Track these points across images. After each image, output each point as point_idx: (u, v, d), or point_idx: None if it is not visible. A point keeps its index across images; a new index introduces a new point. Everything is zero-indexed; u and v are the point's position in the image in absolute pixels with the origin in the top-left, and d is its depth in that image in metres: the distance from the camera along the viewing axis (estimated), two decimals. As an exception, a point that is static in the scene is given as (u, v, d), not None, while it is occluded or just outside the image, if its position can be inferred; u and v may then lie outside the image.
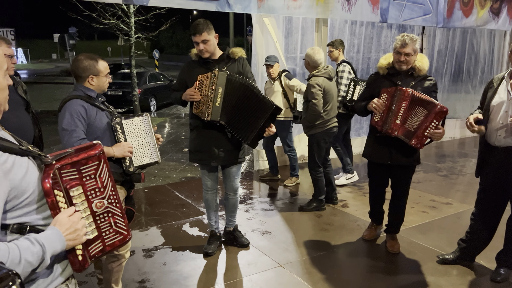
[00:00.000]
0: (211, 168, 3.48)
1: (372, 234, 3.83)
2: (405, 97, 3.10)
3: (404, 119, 3.14)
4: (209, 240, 3.70)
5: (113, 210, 1.52)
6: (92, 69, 2.45)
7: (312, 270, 3.37)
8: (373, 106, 3.24)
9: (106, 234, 1.50)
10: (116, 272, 2.74)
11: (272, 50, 5.82)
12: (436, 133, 3.05)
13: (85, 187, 1.42)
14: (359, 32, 6.74)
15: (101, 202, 1.47)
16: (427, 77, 3.29)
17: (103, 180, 1.48)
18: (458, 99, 8.67)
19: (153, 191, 5.31)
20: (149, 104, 12.98)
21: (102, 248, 1.50)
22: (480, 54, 8.64)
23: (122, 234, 1.56)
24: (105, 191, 1.49)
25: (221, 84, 3.07)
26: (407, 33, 3.38)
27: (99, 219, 1.48)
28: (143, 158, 2.58)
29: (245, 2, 5.03)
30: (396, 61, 3.22)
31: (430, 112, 3.02)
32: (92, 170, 1.44)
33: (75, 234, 1.33)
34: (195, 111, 3.17)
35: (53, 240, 1.26)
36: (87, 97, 2.45)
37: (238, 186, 3.58)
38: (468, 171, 6.26)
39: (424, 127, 3.04)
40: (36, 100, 16.60)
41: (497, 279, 3.16)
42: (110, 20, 11.64)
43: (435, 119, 3.02)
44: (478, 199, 3.25)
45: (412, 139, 3.10)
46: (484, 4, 7.70)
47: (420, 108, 3.08)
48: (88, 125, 2.41)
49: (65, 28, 13.68)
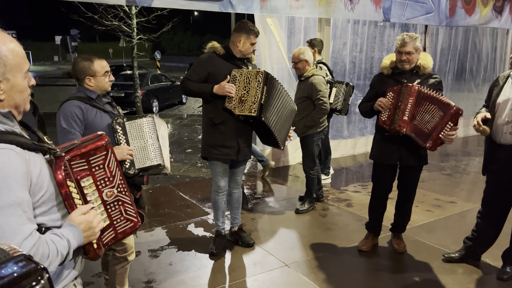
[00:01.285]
0: (226, 167, 3.46)
1: (368, 245, 3.68)
2: (412, 93, 3.07)
3: (413, 116, 3.09)
4: (215, 240, 3.70)
5: (123, 198, 1.56)
6: (88, 70, 2.44)
7: (318, 270, 3.37)
8: (379, 104, 3.22)
9: (117, 222, 1.55)
10: (119, 274, 2.73)
11: (275, 50, 5.82)
12: (449, 135, 2.96)
13: (95, 177, 1.45)
14: (361, 32, 6.74)
15: (111, 191, 1.50)
16: (432, 75, 3.27)
17: (111, 170, 1.50)
18: (461, 98, 8.65)
19: (157, 192, 5.32)
20: (151, 105, 13.01)
21: (114, 236, 1.54)
22: (483, 53, 8.64)
23: (133, 221, 1.60)
24: (114, 180, 1.52)
25: (265, 82, 3.13)
26: (410, 32, 3.37)
27: (110, 207, 1.52)
28: (145, 160, 2.52)
29: (248, 2, 5.04)
30: (399, 61, 3.21)
31: (446, 114, 2.94)
32: (101, 160, 1.47)
33: (91, 231, 1.36)
34: (229, 105, 3.17)
35: (73, 236, 1.30)
36: (88, 98, 2.45)
37: (241, 182, 3.68)
38: (472, 170, 6.25)
39: (439, 128, 2.96)
40: (39, 102, 16.50)
41: (504, 277, 3.16)
42: (112, 21, 11.67)
43: (450, 121, 2.93)
44: (484, 197, 3.24)
45: (427, 141, 3.03)
46: (486, 2, 7.69)
47: (431, 106, 3.01)
48: (86, 126, 2.40)
49: (67, 30, 13.74)
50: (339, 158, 6.74)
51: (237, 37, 3.26)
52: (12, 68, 1.27)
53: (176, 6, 4.63)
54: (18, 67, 1.28)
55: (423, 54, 3.30)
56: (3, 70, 1.25)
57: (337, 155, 6.66)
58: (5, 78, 1.26)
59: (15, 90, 1.29)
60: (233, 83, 3.16)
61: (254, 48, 3.31)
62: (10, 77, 1.27)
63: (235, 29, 3.32)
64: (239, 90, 3.14)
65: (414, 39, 3.13)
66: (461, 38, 8.20)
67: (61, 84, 24.30)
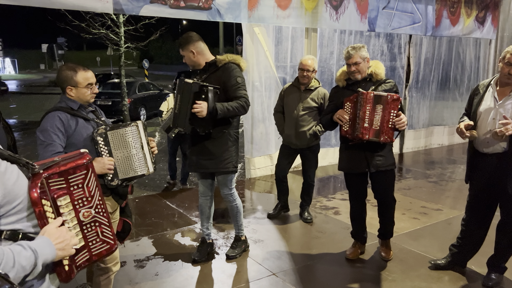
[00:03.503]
0: (201, 175, 3.53)
1: (356, 253, 3.69)
2: (368, 100, 3.15)
3: (371, 121, 3.19)
4: (198, 247, 3.68)
5: (100, 219, 1.53)
6: (70, 80, 2.37)
7: (306, 278, 3.36)
8: (337, 117, 3.31)
9: (92, 244, 1.51)
10: (104, 285, 2.68)
11: (262, 59, 5.86)
12: (398, 122, 3.12)
13: (73, 196, 1.42)
14: (348, 41, 6.82)
15: (88, 211, 1.48)
16: (386, 80, 3.35)
17: (90, 190, 1.48)
18: (446, 107, 8.79)
19: (144, 201, 5.27)
20: (139, 114, 12.94)
21: (89, 258, 1.50)
22: (467, 62, 8.80)
23: (109, 243, 1.56)
24: (93, 200, 1.49)
25: (178, 91, 3.15)
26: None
27: (86, 228, 1.48)
28: (129, 171, 2.46)
29: (235, 12, 5.08)
30: (349, 73, 3.32)
31: (385, 105, 3.12)
32: (80, 179, 1.44)
33: (64, 244, 1.33)
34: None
35: (43, 247, 1.27)
36: (69, 108, 2.38)
37: (228, 194, 3.53)
38: (458, 177, 6.33)
39: (386, 120, 3.13)
40: (24, 110, 16.43)
41: (489, 284, 3.19)
42: (99, 30, 11.61)
43: (392, 108, 3.11)
44: (468, 205, 3.28)
45: (381, 136, 3.16)
46: (470, 13, 7.88)
47: (379, 106, 3.17)
48: (68, 137, 2.33)
49: (54, 38, 13.63)
50: (327, 166, 6.77)
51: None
52: None
53: (164, 15, 4.64)
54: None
55: (374, 61, 3.41)
56: None
57: (325, 163, 6.68)
58: None
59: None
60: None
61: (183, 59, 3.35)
62: None
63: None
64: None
65: (359, 49, 3.24)
66: (445, 47, 8.35)
67: (48, 92, 24.02)
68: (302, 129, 4.22)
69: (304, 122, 4.21)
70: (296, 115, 4.23)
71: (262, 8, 5.30)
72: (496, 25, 8.48)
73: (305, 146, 4.31)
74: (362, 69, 3.27)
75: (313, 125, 4.23)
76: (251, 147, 6.11)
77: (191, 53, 3.25)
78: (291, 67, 6.40)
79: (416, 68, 7.85)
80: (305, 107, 4.21)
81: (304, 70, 4.14)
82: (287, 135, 4.34)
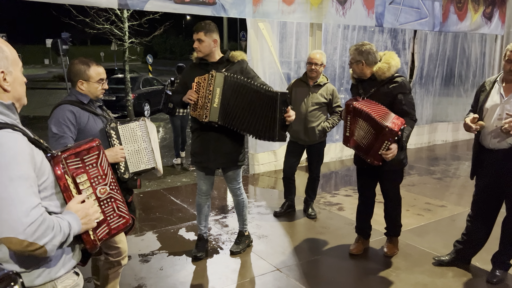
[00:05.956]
0: (208, 172, 3.47)
1: (359, 249, 3.69)
2: (349, 111, 3.13)
3: (352, 132, 3.16)
4: (197, 244, 3.69)
5: (115, 195, 1.65)
6: (82, 74, 2.40)
7: (309, 273, 3.37)
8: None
9: (111, 218, 1.64)
10: (112, 279, 2.70)
11: (266, 54, 5.84)
12: (386, 155, 2.97)
13: (89, 174, 1.55)
14: (351, 37, 6.78)
15: (104, 188, 1.60)
16: (392, 79, 3.15)
17: (104, 168, 1.61)
18: (450, 103, 8.75)
19: (148, 196, 5.29)
20: (143, 109, 12.95)
21: (108, 231, 1.62)
22: (472, 58, 8.74)
23: (125, 218, 1.69)
24: (107, 178, 1.62)
25: (218, 85, 3.06)
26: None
27: (103, 204, 1.61)
28: (139, 164, 2.53)
29: (240, 7, 5.06)
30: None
31: (379, 134, 2.94)
32: (94, 159, 1.57)
33: (87, 219, 1.47)
34: (193, 113, 3.16)
35: (72, 221, 1.40)
36: (79, 102, 2.41)
37: (237, 189, 3.56)
38: (462, 174, 6.31)
39: (377, 147, 2.99)
40: (28, 105, 16.41)
41: (493, 280, 3.19)
42: (103, 25, 11.62)
43: (386, 140, 2.93)
44: (473, 201, 3.28)
45: (368, 157, 3.08)
46: (477, 8, 7.81)
47: (363, 123, 3.03)
48: (79, 130, 2.37)
49: (58, 33, 13.57)
50: (329, 162, 6.77)
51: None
52: (13, 62, 1.39)
53: (168, 10, 4.63)
54: (16, 62, 1.41)
55: (388, 54, 3.24)
56: (6, 63, 1.37)
57: (327, 159, 6.68)
58: (9, 71, 1.37)
59: (17, 82, 1.41)
60: (198, 90, 3.12)
61: (195, 45, 3.18)
62: (12, 70, 1.39)
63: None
64: (200, 97, 3.12)
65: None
66: (450, 43, 8.29)
67: (52, 87, 24.10)
68: (311, 125, 4.19)
69: (313, 118, 4.19)
70: (305, 110, 4.19)
71: (267, 3, 5.28)
72: (504, 21, 8.41)
73: (313, 142, 4.31)
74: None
75: (322, 121, 4.23)
76: (255, 143, 6.11)
77: (213, 42, 3.19)
78: (296, 62, 6.38)
79: (420, 64, 7.80)
80: (314, 103, 4.18)
81: (312, 63, 4.11)
82: (295, 130, 4.26)
